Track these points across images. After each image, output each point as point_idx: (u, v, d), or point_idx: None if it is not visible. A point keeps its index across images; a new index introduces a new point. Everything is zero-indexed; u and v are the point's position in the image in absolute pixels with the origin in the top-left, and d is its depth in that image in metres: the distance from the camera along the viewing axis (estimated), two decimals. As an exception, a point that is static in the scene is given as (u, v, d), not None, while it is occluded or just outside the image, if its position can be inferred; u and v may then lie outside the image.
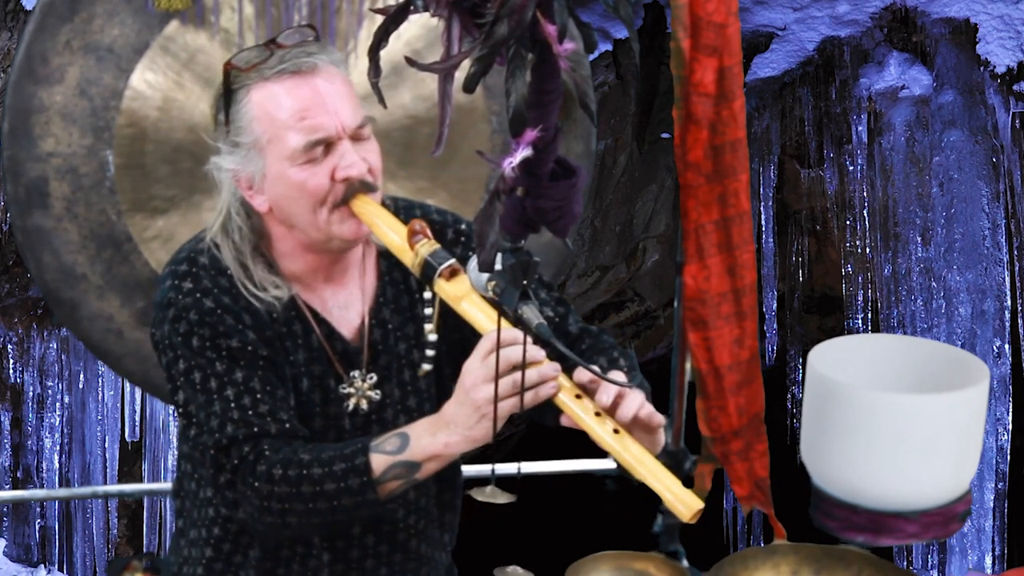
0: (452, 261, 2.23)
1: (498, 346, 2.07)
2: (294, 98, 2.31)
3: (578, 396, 2.15)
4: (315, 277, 2.41)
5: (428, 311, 2.40)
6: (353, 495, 2.22)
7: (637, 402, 2.15)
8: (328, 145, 2.32)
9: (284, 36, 2.37)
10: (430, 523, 2.50)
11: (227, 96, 2.35)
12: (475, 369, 2.16)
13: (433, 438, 2.21)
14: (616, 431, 2.11)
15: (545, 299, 2.45)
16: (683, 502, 1.99)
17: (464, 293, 2.21)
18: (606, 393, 2.13)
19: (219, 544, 2.43)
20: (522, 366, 2.10)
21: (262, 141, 2.32)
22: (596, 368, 2.13)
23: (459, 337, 2.39)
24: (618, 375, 2.20)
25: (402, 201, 2.49)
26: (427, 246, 2.26)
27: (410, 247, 2.27)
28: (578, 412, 2.13)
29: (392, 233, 2.31)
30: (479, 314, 2.20)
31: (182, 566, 2.49)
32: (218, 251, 2.37)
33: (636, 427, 2.16)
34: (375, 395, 2.42)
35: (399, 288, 2.46)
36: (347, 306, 2.43)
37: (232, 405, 2.28)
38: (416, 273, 2.27)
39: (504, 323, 2.10)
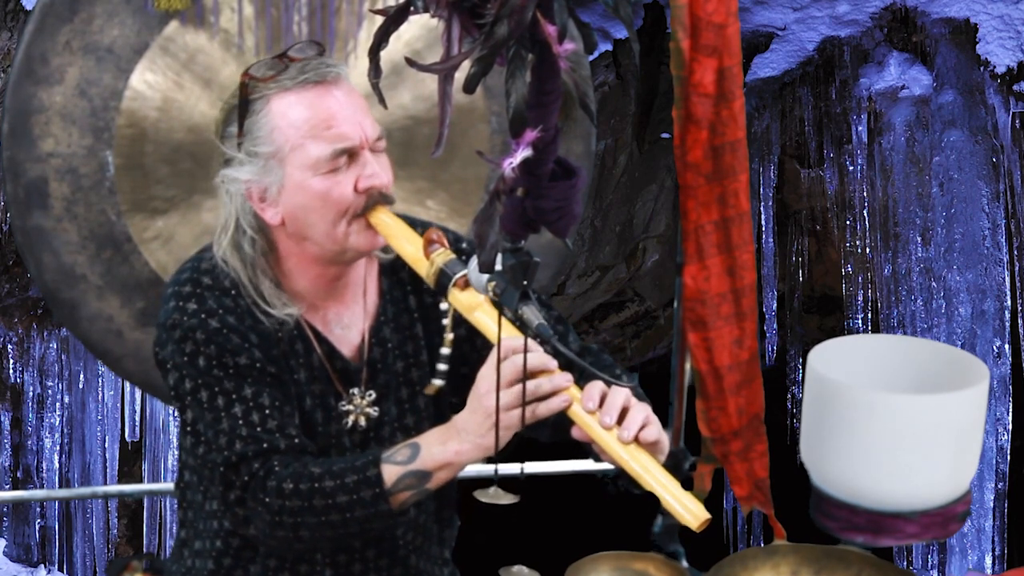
0: (466, 271, 2.22)
1: (499, 349, 2.07)
2: (318, 107, 2.31)
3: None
4: (319, 295, 2.40)
5: (445, 321, 2.39)
6: (366, 507, 2.22)
7: (641, 416, 2.13)
8: (352, 155, 2.32)
9: (295, 50, 2.37)
10: (429, 540, 2.50)
11: (243, 107, 2.34)
12: (489, 376, 2.16)
13: (444, 447, 2.22)
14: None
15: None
16: (691, 512, 2.00)
17: (477, 303, 2.21)
18: (608, 415, 2.12)
19: (220, 558, 2.42)
20: (523, 375, 2.10)
21: (283, 151, 2.31)
22: (603, 374, 2.13)
23: (458, 353, 2.39)
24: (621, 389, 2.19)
25: (403, 219, 2.49)
26: (443, 255, 2.25)
27: (426, 256, 2.26)
28: (588, 421, 2.13)
29: (408, 244, 2.32)
30: (492, 324, 2.19)
31: (185, 576, 2.49)
32: (228, 269, 2.36)
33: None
34: (373, 412, 2.42)
35: (399, 307, 2.46)
36: (349, 325, 2.42)
37: (240, 422, 2.27)
38: (431, 283, 2.27)
39: (517, 332, 2.10)
